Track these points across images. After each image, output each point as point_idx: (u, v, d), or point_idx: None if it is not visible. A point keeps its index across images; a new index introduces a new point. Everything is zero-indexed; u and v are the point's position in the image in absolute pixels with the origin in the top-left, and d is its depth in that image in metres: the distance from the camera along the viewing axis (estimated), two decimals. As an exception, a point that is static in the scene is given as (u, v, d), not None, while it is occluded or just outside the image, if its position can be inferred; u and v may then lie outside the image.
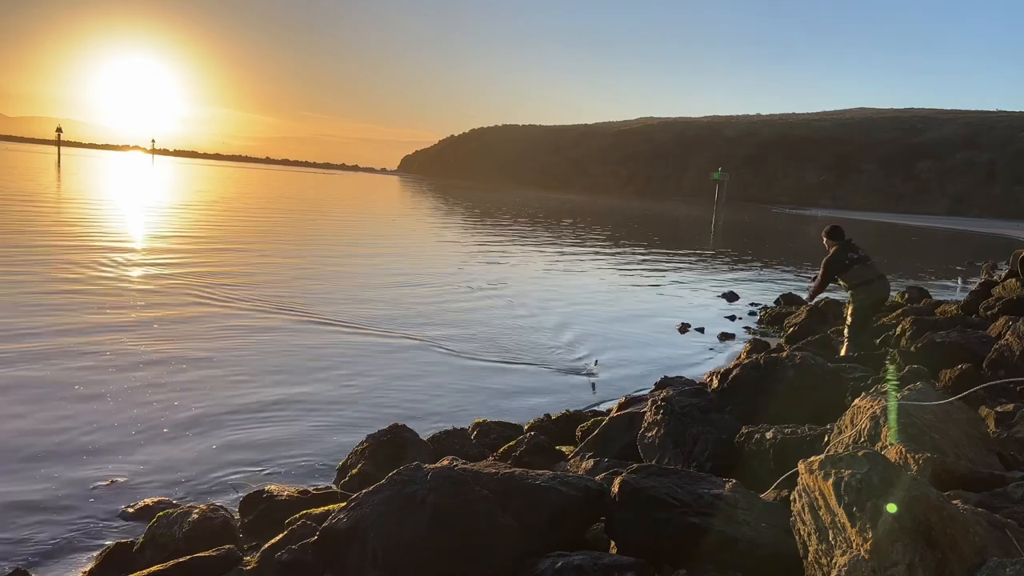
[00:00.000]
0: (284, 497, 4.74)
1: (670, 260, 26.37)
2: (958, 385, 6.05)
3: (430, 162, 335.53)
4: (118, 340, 8.90)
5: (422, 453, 5.44)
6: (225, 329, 9.98)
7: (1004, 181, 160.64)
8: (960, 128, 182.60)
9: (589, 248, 29.08)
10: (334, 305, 12.33)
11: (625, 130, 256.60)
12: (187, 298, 11.92)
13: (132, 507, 4.88)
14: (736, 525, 3.06)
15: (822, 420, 4.60)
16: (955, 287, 18.95)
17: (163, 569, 3.65)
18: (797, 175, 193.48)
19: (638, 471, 3.38)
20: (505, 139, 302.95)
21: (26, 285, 11.81)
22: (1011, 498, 3.07)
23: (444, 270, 18.59)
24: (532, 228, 38.43)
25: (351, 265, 18.17)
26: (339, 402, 7.41)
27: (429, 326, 11.25)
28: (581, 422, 6.48)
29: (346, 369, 8.58)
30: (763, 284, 20.80)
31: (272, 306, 11.80)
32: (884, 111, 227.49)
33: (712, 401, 5.03)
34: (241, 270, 15.62)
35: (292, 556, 3.49)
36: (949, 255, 39.16)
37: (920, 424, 3.77)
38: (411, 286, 15.17)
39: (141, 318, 10.20)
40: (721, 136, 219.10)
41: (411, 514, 3.12)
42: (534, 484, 3.35)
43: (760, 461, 4.25)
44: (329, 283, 14.85)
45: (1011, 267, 13.39)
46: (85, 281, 12.64)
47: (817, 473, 2.54)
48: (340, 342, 9.84)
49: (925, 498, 2.33)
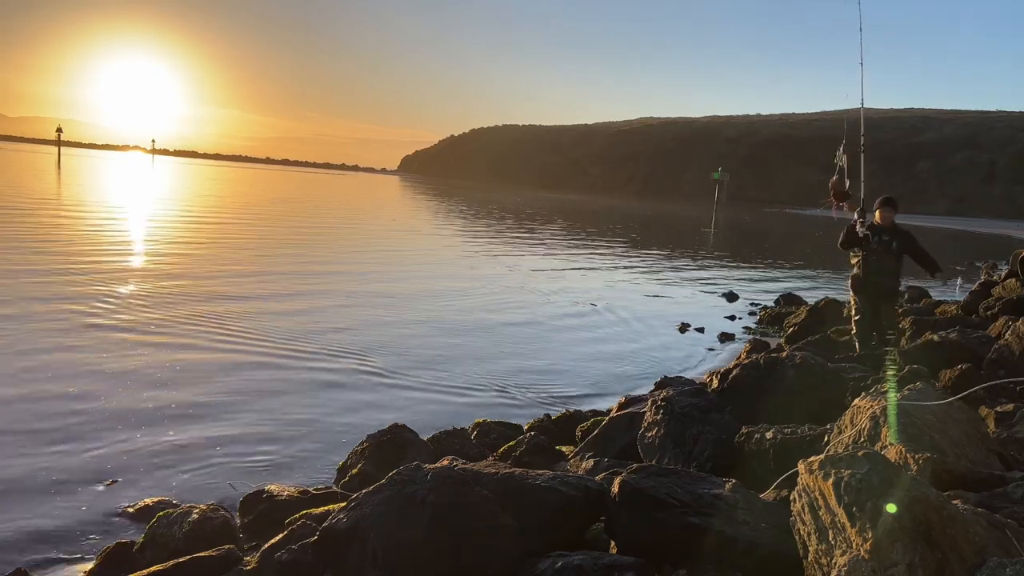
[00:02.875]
0: (284, 497, 4.74)
1: (670, 260, 26.37)
2: (958, 385, 6.05)
3: (430, 162, 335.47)
4: (118, 341, 8.90)
5: (422, 453, 5.44)
6: (226, 329, 9.98)
7: (1004, 181, 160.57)
8: (960, 128, 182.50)
9: (588, 248, 29.07)
10: (335, 305, 12.34)
11: (625, 130, 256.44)
12: (187, 299, 11.91)
13: (132, 507, 4.89)
14: (736, 525, 3.06)
15: (822, 420, 4.60)
16: (954, 286, 18.93)
17: (163, 569, 3.65)
18: (797, 175, 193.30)
19: (638, 471, 3.38)
20: (505, 139, 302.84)
21: (22, 288, 11.81)
22: (1011, 498, 3.07)
23: (442, 269, 18.58)
24: (532, 228, 38.41)
25: (351, 274, 18.20)
26: (339, 402, 7.41)
27: (416, 320, 11.25)
28: (581, 422, 6.48)
29: (347, 369, 8.58)
30: (763, 284, 20.80)
31: (273, 305, 11.81)
32: (884, 111, 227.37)
33: (712, 401, 5.03)
34: (250, 270, 15.62)
35: (292, 556, 3.48)
36: (949, 255, 39.13)
37: (920, 424, 3.77)
38: (406, 280, 15.18)
39: (140, 319, 10.20)
40: (721, 136, 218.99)
41: (411, 514, 3.12)
42: (534, 484, 3.35)
43: (760, 461, 4.25)
44: (332, 280, 14.87)
45: (1011, 267, 13.38)
46: (80, 286, 12.63)
47: (817, 473, 2.54)
48: (341, 341, 9.85)
49: (925, 498, 2.33)
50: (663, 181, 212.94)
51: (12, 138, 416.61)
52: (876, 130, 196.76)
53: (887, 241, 7.75)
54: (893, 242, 7.75)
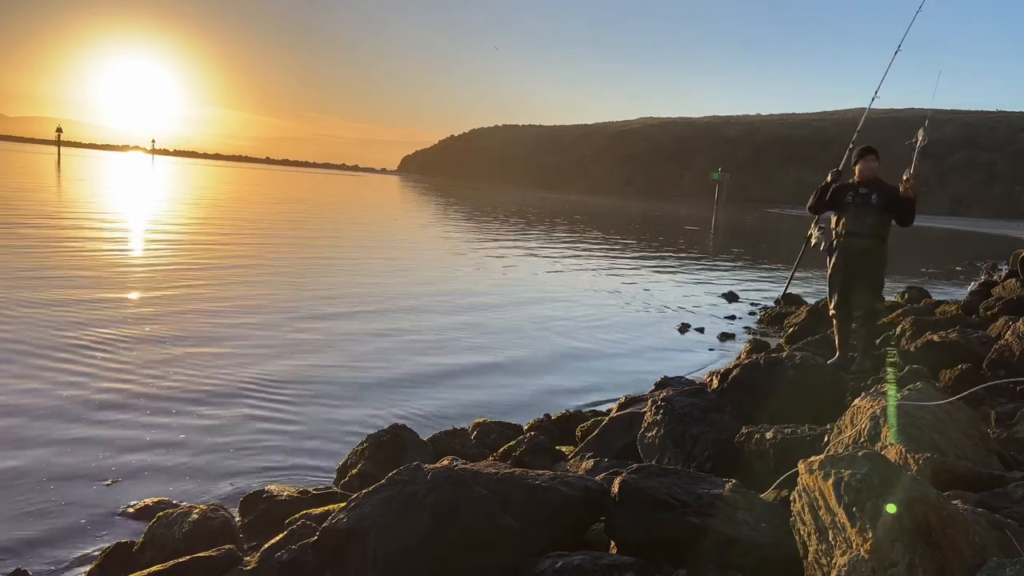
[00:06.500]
0: (284, 497, 4.74)
1: (670, 260, 26.37)
2: (958, 385, 6.04)
3: (430, 162, 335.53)
4: (117, 341, 8.90)
5: (422, 453, 5.44)
6: (227, 329, 9.98)
7: (1004, 181, 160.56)
8: (960, 128, 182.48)
9: (587, 248, 29.07)
10: (336, 304, 12.34)
11: (625, 130, 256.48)
12: (188, 298, 11.92)
13: (132, 507, 4.88)
14: (736, 525, 3.06)
15: (822, 420, 4.60)
16: (963, 285, 18.89)
17: (163, 569, 3.64)
18: (797, 175, 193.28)
19: (638, 471, 3.38)
20: (505, 139, 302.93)
21: (25, 272, 11.82)
22: (1011, 498, 3.08)
23: (440, 269, 18.59)
24: (529, 227, 38.42)
25: (346, 259, 18.20)
26: (340, 402, 7.41)
27: (417, 312, 11.25)
28: (581, 422, 6.48)
29: (347, 369, 8.59)
30: (763, 284, 20.79)
31: (275, 305, 11.81)
32: (884, 111, 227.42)
33: (712, 401, 5.04)
34: (253, 276, 15.63)
35: (292, 556, 3.48)
36: (949, 255, 39.14)
37: (920, 424, 3.77)
38: (397, 270, 15.18)
39: (140, 319, 10.20)
40: (721, 136, 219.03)
41: (411, 514, 3.12)
42: (534, 484, 3.35)
43: (760, 461, 4.25)
44: (332, 280, 14.87)
45: (1011, 267, 13.39)
46: (81, 267, 12.63)
47: (817, 473, 2.54)
48: (341, 342, 9.85)
49: (925, 498, 2.33)
50: (663, 181, 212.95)
51: (12, 138, 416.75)
52: (876, 130, 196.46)
53: (865, 195, 6.72)
54: (872, 195, 6.70)
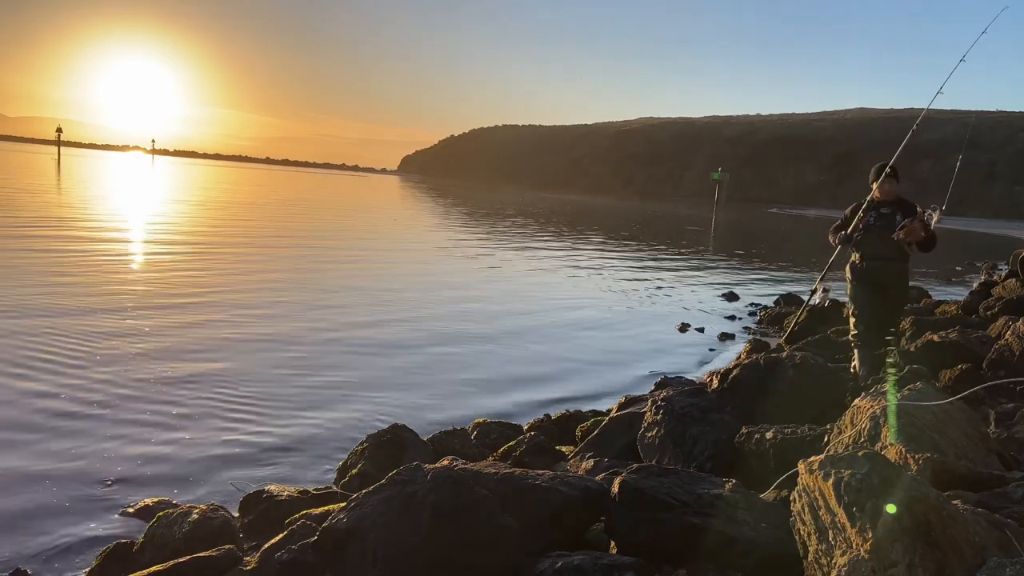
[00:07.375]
0: (284, 497, 4.74)
1: (670, 260, 26.37)
2: (958, 385, 6.05)
3: (430, 162, 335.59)
4: (117, 341, 8.90)
5: (422, 453, 5.44)
6: (227, 330, 9.98)
7: (1004, 181, 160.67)
8: (960, 128, 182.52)
9: (589, 248, 29.07)
10: (335, 304, 12.34)
11: (625, 130, 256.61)
12: (187, 299, 11.91)
13: (132, 507, 4.88)
14: (736, 525, 3.06)
15: (822, 420, 4.60)
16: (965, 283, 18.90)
17: (163, 569, 3.64)
18: (797, 175, 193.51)
19: (638, 471, 3.38)
20: (505, 139, 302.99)
21: (25, 273, 11.81)
22: (1011, 498, 3.07)
23: (434, 264, 18.58)
24: (529, 228, 38.42)
25: (347, 261, 18.20)
26: (339, 402, 7.41)
27: (417, 320, 11.25)
28: (581, 422, 6.48)
29: (347, 369, 8.59)
30: (763, 284, 20.80)
31: (275, 304, 11.81)
32: (884, 111, 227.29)
33: (712, 401, 5.03)
34: (257, 277, 15.63)
35: (292, 556, 3.48)
36: (949, 255, 39.14)
37: (920, 424, 3.77)
38: (396, 275, 15.18)
39: (141, 319, 10.20)
40: (721, 136, 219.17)
41: (411, 514, 3.12)
42: (534, 484, 3.34)
43: (760, 461, 4.25)
44: (332, 280, 14.87)
45: (1011, 267, 13.40)
46: (83, 269, 12.63)
47: (817, 473, 2.54)
48: (341, 341, 9.85)
49: (925, 498, 2.33)
50: (663, 181, 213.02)
51: (12, 138, 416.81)
52: (876, 130, 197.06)
53: (888, 215, 6.29)
54: (896, 215, 6.28)
